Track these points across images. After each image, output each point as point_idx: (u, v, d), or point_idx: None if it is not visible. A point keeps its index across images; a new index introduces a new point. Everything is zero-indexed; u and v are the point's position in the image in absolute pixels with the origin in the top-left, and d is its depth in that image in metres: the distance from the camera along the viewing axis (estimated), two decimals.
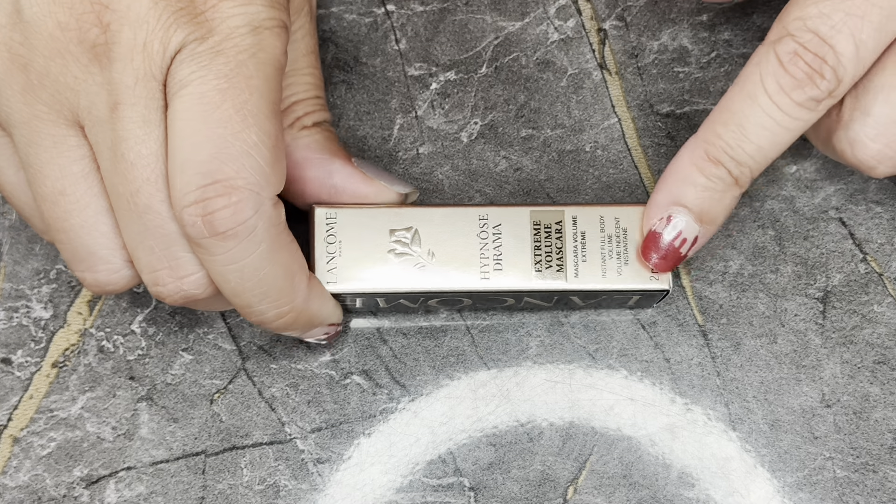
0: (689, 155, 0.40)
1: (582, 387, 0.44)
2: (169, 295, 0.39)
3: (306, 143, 0.42)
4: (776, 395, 0.43)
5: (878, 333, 0.44)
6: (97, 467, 0.43)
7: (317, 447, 0.43)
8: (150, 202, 0.37)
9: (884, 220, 0.45)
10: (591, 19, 0.47)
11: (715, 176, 0.40)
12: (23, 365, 0.44)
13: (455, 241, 0.41)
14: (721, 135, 0.39)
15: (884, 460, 0.43)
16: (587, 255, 0.41)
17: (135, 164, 0.37)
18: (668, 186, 0.40)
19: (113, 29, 0.36)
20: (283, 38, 0.38)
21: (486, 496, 0.43)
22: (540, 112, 0.46)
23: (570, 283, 0.41)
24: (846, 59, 0.38)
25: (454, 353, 0.44)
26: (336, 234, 0.41)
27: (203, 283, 0.39)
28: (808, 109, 0.38)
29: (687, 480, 0.43)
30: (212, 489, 0.43)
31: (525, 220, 0.42)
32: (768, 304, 0.44)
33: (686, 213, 0.40)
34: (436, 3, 0.47)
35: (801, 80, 0.38)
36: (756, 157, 0.39)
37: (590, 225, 0.42)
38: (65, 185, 0.38)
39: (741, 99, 0.39)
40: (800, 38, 0.38)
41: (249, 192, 0.36)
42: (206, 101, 0.36)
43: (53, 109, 0.37)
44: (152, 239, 0.38)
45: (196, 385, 0.44)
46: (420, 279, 0.41)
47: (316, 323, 0.41)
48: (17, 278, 0.45)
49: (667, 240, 0.40)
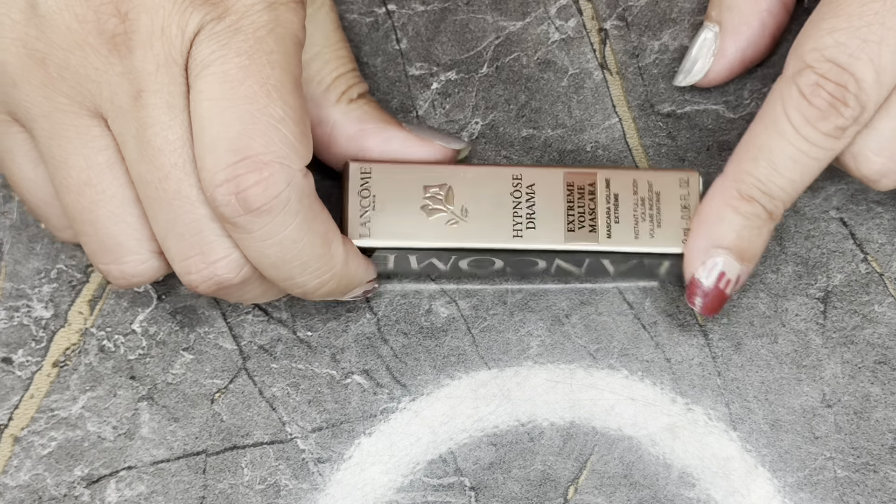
0: (720, 195, 0.40)
1: (583, 386, 0.44)
2: (202, 282, 0.38)
3: (358, 115, 0.42)
4: (777, 395, 0.43)
5: (878, 333, 0.44)
6: (98, 467, 0.43)
7: (317, 447, 0.43)
8: (180, 187, 0.37)
9: (884, 219, 0.45)
10: (592, 19, 0.47)
11: (751, 213, 0.40)
12: (23, 364, 0.44)
13: (488, 199, 0.42)
14: (751, 172, 0.39)
15: (884, 460, 0.43)
16: (620, 216, 0.41)
17: (162, 149, 0.37)
18: (704, 230, 0.40)
19: (131, 18, 0.36)
20: (300, 13, 0.38)
21: (487, 496, 0.43)
22: (541, 112, 0.46)
23: (603, 245, 0.41)
24: (868, 84, 0.38)
25: (455, 352, 0.44)
26: (370, 190, 0.41)
27: (235, 265, 0.38)
28: (834, 138, 0.38)
29: (687, 480, 0.43)
30: (212, 489, 0.43)
31: (559, 180, 0.42)
32: (769, 304, 0.44)
33: (726, 253, 0.40)
34: (437, 3, 0.47)
35: (825, 110, 0.38)
36: (788, 190, 0.39)
37: (623, 188, 0.42)
38: (90, 176, 0.38)
39: (768, 135, 0.39)
40: (819, 69, 0.38)
41: (280, 165, 0.36)
42: (229, 79, 0.36)
43: (75, 101, 0.37)
44: (182, 225, 0.38)
45: (197, 384, 0.44)
46: (452, 236, 0.41)
47: (355, 284, 0.41)
48: (18, 278, 0.45)
49: (710, 284, 0.41)
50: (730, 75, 0.44)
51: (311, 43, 0.42)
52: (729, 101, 0.46)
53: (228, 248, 0.38)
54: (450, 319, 0.44)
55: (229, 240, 0.38)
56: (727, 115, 0.46)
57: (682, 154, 0.45)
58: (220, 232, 0.38)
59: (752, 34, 0.43)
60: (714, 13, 0.44)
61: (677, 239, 0.41)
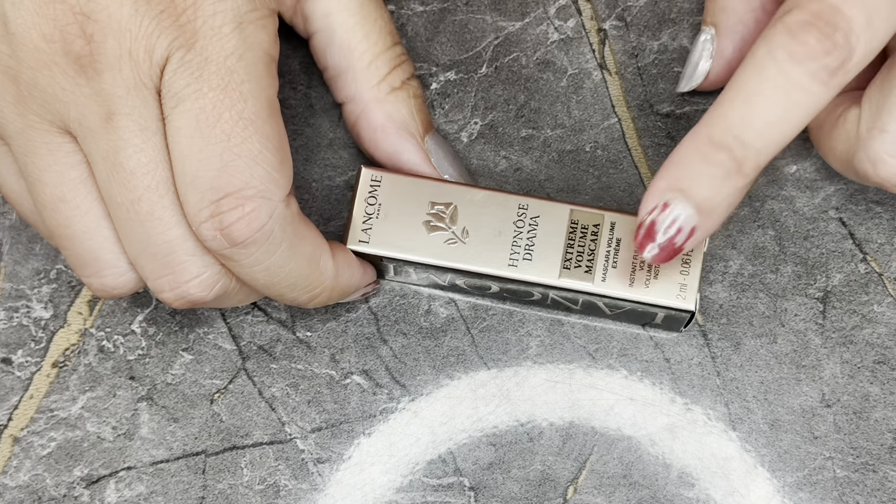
0: (690, 139, 0.38)
1: (582, 387, 0.44)
2: (175, 300, 0.39)
3: (389, 110, 0.42)
4: (776, 394, 0.43)
5: (878, 333, 0.44)
6: (97, 467, 0.43)
7: (317, 447, 0.43)
8: (152, 209, 0.37)
9: (884, 219, 0.45)
10: (591, 19, 0.47)
11: (716, 161, 0.37)
12: (23, 365, 0.44)
13: (491, 224, 0.42)
14: (725, 113, 0.37)
15: (884, 460, 0.43)
16: (618, 262, 0.41)
17: (135, 172, 0.37)
18: (666, 172, 0.38)
19: (97, 40, 0.36)
20: (269, 27, 0.38)
21: (486, 496, 0.43)
22: (540, 112, 0.46)
23: (596, 287, 0.41)
24: (858, 26, 0.36)
25: (454, 352, 0.44)
26: (377, 197, 0.42)
27: (207, 284, 0.39)
28: (820, 82, 0.36)
29: (687, 480, 0.43)
30: (212, 489, 0.43)
31: (564, 216, 0.42)
32: (768, 304, 0.44)
33: (683, 200, 0.38)
34: (436, 3, 0.47)
35: (812, 47, 0.36)
36: (763, 136, 0.37)
37: (627, 233, 0.41)
38: (64, 192, 0.38)
39: (747, 75, 0.37)
40: (809, 7, 0.36)
41: (261, 199, 0.37)
42: (205, 115, 0.36)
43: (45, 119, 0.37)
44: (155, 246, 0.38)
45: (196, 385, 0.44)
46: (448, 255, 0.41)
47: (349, 292, 0.42)
48: (18, 278, 0.45)
49: (661, 228, 0.38)
50: (730, 75, 0.44)
51: (349, 12, 0.42)
52: None
53: (201, 268, 0.39)
54: (449, 320, 0.44)
55: (202, 258, 0.38)
56: None
57: None
58: (192, 251, 0.38)
59: (748, 32, 0.43)
60: (709, 16, 0.44)
61: (672, 293, 0.41)
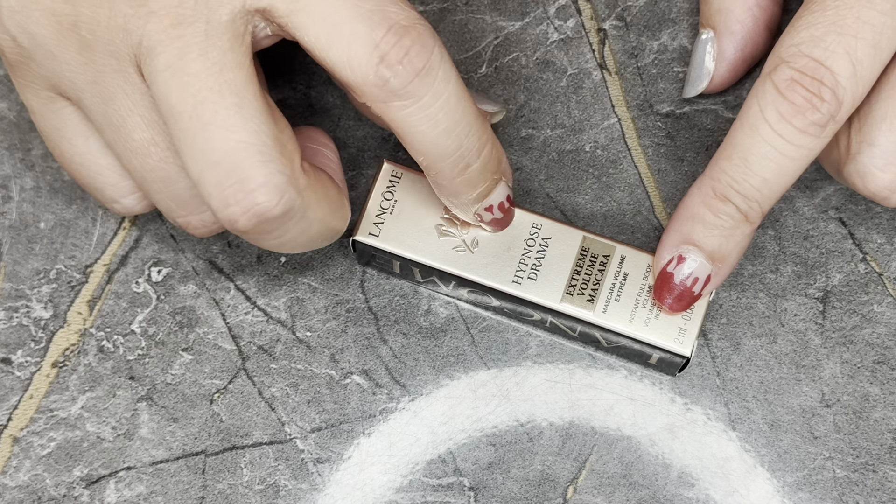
0: (697, 193, 0.40)
1: (581, 386, 0.44)
2: (242, 214, 0.36)
3: None
4: (776, 394, 0.43)
5: (877, 333, 0.44)
6: (97, 467, 0.43)
7: (317, 447, 0.43)
8: (216, 111, 0.35)
9: (883, 219, 0.45)
10: (591, 19, 0.47)
11: (724, 213, 0.39)
12: (23, 365, 0.44)
13: (502, 239, 0.42)
14: (725, 170, 0.39)
15: (883, 460, 0.43)
16: (622, 296, 0.41)
17: (198, 74, 0.35)
18: (678, 226, 0.40)
19: None
20: None
21: (486, 496, 0.43)
22: (539, 112, 0.46)
23: (596, 317, 0.41)
24: (844, 78, 0.37)
25: (454, 352, 0.44)
26: (394, 193, 0.42)
27: (276, 191, 0.36)
28: (811, 136, 0.37)
29: (687, 480, 0.43)
30: (212, 489, 0.43)
31: (576, 242, 0.42)
32: (768, 303, 0.44)
33: (697, 251, 0.40)
34: (436, 3, 0.47)
35: (800, 105, 0.37)
36: (763, 191, 0.38)
37: (636, 269, 0.41)
38: (153, 135, 0.37)
39: (743, 133, 0.38)
40: (794, 63, 0.37)
41: (423, 26, 0.36)
42: None
43: (114, 57, 0.36)
44: (220, 152, 0.36)
45: (196, 385, 0.44)
46: (454, 262, 0.41)
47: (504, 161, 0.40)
48: (17, 278, 0.45)
49: (679, 280, 0.40)
50: (734, 76, 0.44)
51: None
52: (728, 101, 0.46)
53: (267, 175, 0.36)
54: (449, 320, 0.44)
55: (268, 165, 0.36)
56: (726, 115, 0.46)
57: (681, 154, 0.45)
58: (259, 158, 0.36)
59: (746, 32, 0.43)
60: (705, 19, 0.44)
61: (670, 335, 0.41)
